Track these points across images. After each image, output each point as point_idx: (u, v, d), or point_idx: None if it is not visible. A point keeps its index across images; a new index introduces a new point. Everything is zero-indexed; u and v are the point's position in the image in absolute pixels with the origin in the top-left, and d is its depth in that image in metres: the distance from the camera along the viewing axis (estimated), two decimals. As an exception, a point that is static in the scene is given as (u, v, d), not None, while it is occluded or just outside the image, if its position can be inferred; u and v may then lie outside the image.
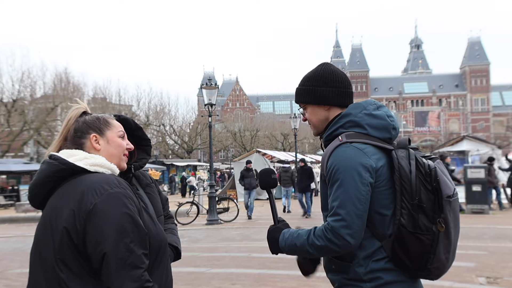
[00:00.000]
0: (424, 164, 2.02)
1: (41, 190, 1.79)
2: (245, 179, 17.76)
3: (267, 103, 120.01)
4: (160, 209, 2.40)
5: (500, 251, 9.03)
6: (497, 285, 6.43)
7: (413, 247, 1.96)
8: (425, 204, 1.98)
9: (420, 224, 1.96)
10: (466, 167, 16.27)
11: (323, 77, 2.19)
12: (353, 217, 1.93)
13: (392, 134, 2.14)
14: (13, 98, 36.44)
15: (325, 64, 2.26)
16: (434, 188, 1.99)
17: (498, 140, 71.55)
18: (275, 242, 2.14)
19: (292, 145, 52.49)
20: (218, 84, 18.51)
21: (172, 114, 57.50)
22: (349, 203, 1.94)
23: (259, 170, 18.31)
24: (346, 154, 2.01)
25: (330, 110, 2.19)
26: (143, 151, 2.43)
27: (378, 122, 2.12)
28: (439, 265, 2.01)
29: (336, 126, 2.14)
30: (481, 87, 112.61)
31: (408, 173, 1.99)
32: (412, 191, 1.97)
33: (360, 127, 2.10)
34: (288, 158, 31.93)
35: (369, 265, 2.00)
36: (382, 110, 2.17)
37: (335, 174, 1.99)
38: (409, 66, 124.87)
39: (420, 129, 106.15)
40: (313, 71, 2.24)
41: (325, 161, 2.06)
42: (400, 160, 2.01)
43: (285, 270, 7.53)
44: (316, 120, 2.22)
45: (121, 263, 1.61)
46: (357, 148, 2.02)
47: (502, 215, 15.25)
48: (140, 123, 3.60)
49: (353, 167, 1.97)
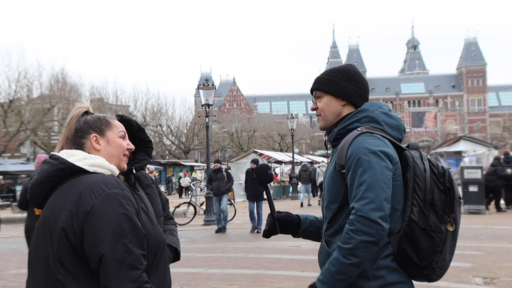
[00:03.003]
0: (438, 166, 2.08)
1: (40, 190, 1.79)
2: (213, 182, 13.75)
3: (264, 104, 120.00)
4: (160, 210, 2.40)
5: (497, 251, 9.05)
6: (494, 286, 6.44)
7: (424, 243, 1.97)
8: (438, 202, 2.01)
9: (430, 222, 1.98)
10: (462, 167, 16.31)
11: (349, 74, 2.22)
12: (382, 199, 1.91)
13: (403, 135, 2.20)
14: (10, 99, 36.30)
15: (353, 65, 2.31)
16: (446, 189, 2.03)
17: (495, 140, 71.82)
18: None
19: (289, 146, 52.53)
20: (215, 85, 18.38)
21: (169, 114, 57.42)
22: (377, 186, 1.92)
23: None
24: (369, 142, 2.02)
25: (345, 106, 2.21)
26: (144, 153, 2.44)
27: (393, 122, 2.17)
28: (443, 265, 2.03)
29: (352, 120, 2.15)
30: (478, 88, 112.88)
31: (423, 171, 2.02)
32: (426, 189, 2.00)
33: (377, 123, 2.13)
34: (285, 158, 31.99)
35: (376, 261, 1.98)
36: (394, 113, 2.24)
37: (359, 160, 1.98)
38: (406, 67, 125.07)
39: (417, 129, 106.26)
40: (340, 67, 2.28)
41: (345, 150, 2.05)
42: (415, 159, 2.05)
43: (282, 271, 7.54)
44: (329, 111, 2.22)
45: (119, 264, 1.60)
46: (379, 138, 2.04)
47: (498, 216, 15.29)
48: (137, 124, 3.55)
49: (376, 153, 1.98)
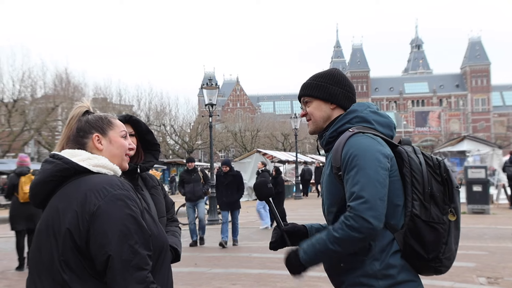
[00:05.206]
0: (432, 158, 2.10)
1: (42, 189, 1.78)
2: (186, 185, 11.30)
3: (267, 103, 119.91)
4: (163, 210, 2.41)
5: (501, 251, 9.03)
6: (498, 285, 6.43)
7: (429, 236, 1.98)
8: (437, 193, 2.02)
9: (432, 214, 1.99)
10: (466, 167, 16.29)
11: (336, 78, 2.25)
12: (376, 199, 1.93)
13: (394, 132, 2.21)
14: (14, 98, 36.41)
15: (337, 69, 2.35)
16: (443, 179, 2.04)
17: (499, 140, 71.56)
18: (296, 258, 2.09)
19: (292, 145, 52.44)
20: (219, 84, 18.30)
21: (172, 114, 57.47)
22: (371, 186, 1.94)
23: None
24: (362, 141, 2.03)
25: (335, 110, 2.23)
26: (151, 155, 2.44)
27: (383, 120, 2.19)
28: (450, 256, 2.04)
29: (343, 122, 2.17)
30: (482, 87, 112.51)
31: (419, 165, 2.04)
32: (424, 182, 2.01)
33: (367, 122, 2.15)
34: (288, 158, 31.97)
35: (385, 260, 1.98)
36: (382, 112, 2.25)
37: (353, 160, 2.00)
38: (410, 66, 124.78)
39: (421, 129, 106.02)
40: (325, 71, 2.30)
41: (339, 151, 2.07)
42: (409, 153, 2.06)
43: (286, 270, 7.51)
44: (319, 115, 2.24)
45: (125, 265, 1.60)
46: (371, 137, 2.06)
47: (502, 215, 15.25)
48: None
49: (370, 152, 2.00)
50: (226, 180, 11.14)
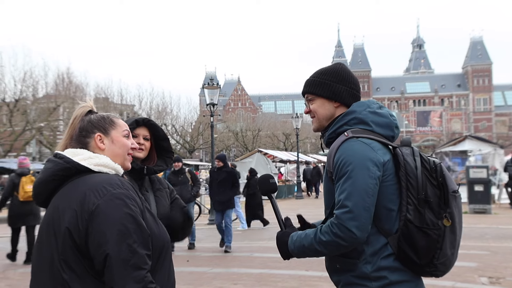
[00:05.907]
0: (429, 161, 2.06)
1: (45, 189, 1.79)
2: (173, 188, 8.41)
3: (269, 103, 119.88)
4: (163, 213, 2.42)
5: (502, 251, 9.01)
6: (499, 285, 6.41)
7: (421, 242, 1.96)
8: (431, 199, 1.99)
9: (426, 219, 1.97)
10: (468, 167, 16.28)
11: (340, 75, 2.21)
12: (360, 209, 1.93)
13: (395, 132, 2.17)
14: (15, 98, 36.42)
15: (342, 64, 2.29)
16: (439, 183, 2.01)
17: (500, 139, 71.49)
18: (285, 246, 2.13)
19: (294, 145, 52.46)
20: (220, 84, 18.31)
21: (174, 114, 57.42)
22: (356, 195, 1.94)
23: (261, 171, 17.11)
24: (354, 148, 2.02)
25: (338, 108, 2.20)
26: (163, 161, 2.44)
27: (382, 120, 2.15)
28: (445, 261, 2.02)
29: (341, 123, 2.15)
30: (483, 87, 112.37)
31: (414, 169, 2.01)
32: (418, 186, 1.99)
33: (365, 124, 2.12)
34: (290, 158, 31.97)
35: (376, 263, 1.99)
36: (385, 110, 2.20)
37: (343, 167, 2.00)
38: (411, 66, 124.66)
39: (422, 129, 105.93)
40: (329, 67, 2.26)
41: (332, 156, 2.07)
42: (405, 157, 2.04)
43: (287, 270, 7.53)
44: (322, 114, 2.21)
45: (124, 264, 1.60)
46: (364, 143, 2.03)
47: (504, 215, 15.24)
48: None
49: (360, 160, 1.98)
50: (219, 176, 10.42)
